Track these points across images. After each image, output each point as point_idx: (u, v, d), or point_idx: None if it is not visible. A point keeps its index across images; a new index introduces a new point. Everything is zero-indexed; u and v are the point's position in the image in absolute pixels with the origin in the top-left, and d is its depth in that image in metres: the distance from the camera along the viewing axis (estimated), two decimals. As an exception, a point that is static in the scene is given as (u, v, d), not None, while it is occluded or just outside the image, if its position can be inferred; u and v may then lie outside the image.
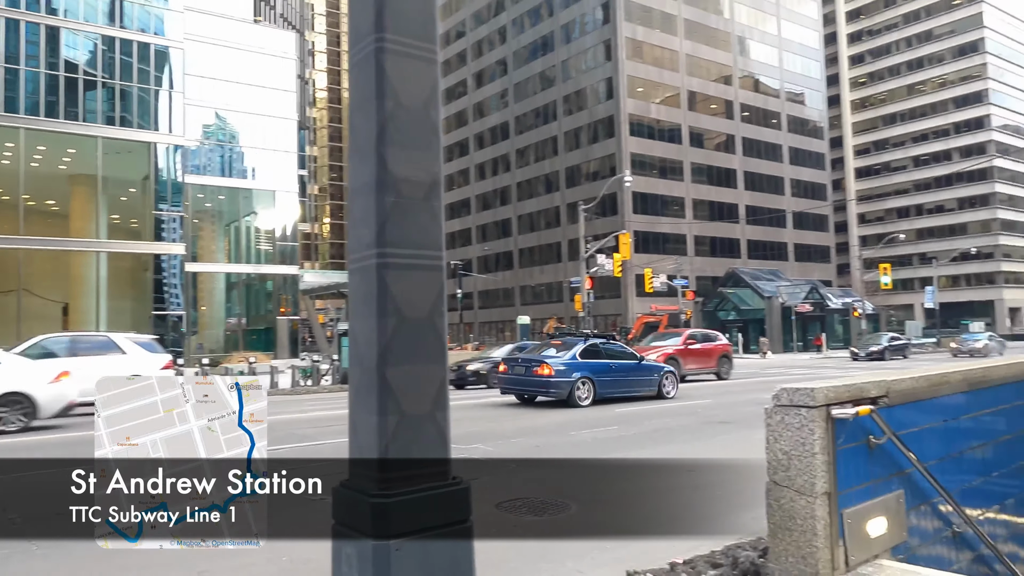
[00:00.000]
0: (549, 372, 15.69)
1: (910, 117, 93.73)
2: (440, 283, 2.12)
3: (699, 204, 67.59)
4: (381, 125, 2.00)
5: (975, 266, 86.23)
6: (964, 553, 5.18)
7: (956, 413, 5.50)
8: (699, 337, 25.37)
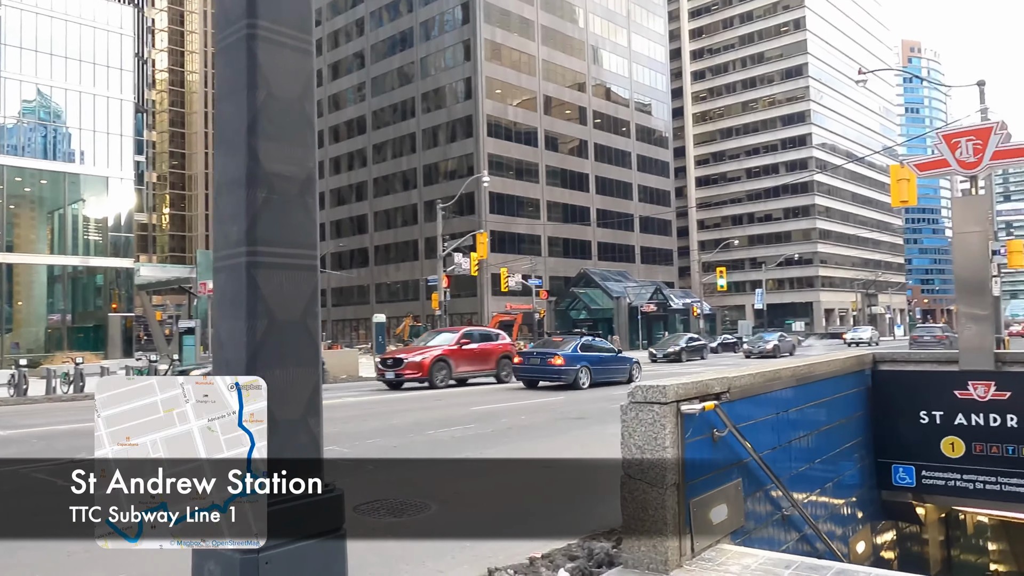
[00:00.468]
0: (561, 362, 19.41)
1: (744, 132, 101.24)
2: (314, 283, 2.02)
3: (553, 206, 69.48)
4: (252, 116, 1.88)
5: (797, 271, 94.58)
6: (791, 533, 5.67)
7: (786, 406, 6.01)
8: (476, 336, 22.78)
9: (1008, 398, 7.22)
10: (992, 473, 7.27)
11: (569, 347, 20.00)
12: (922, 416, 7.64)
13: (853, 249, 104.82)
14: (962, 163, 7.88)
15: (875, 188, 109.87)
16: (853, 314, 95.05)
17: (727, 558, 4.33)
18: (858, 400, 7.57)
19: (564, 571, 4.45)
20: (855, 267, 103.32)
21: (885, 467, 7.89)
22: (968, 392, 7.44)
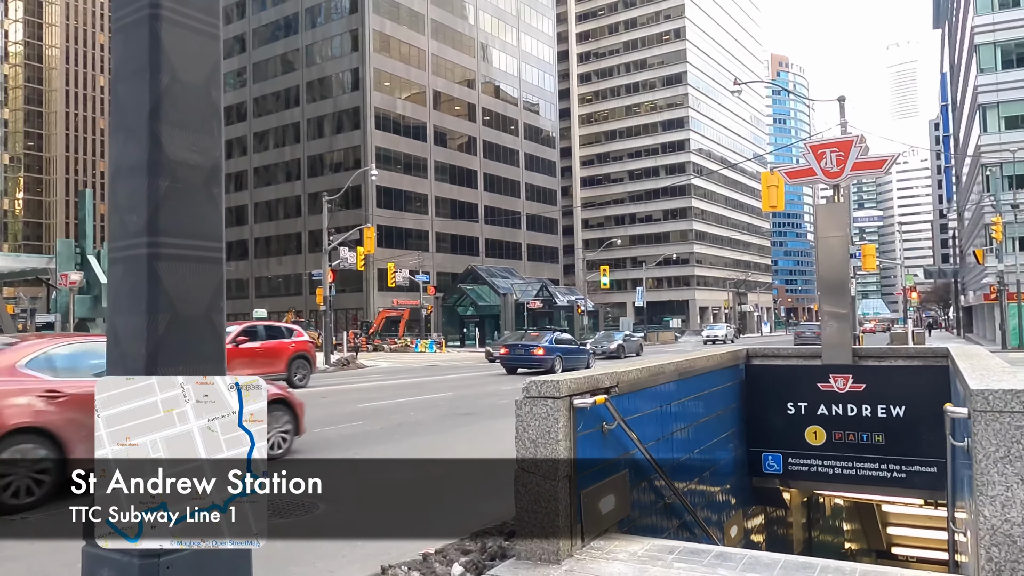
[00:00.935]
0: (542, 353, 22.91)
1: (627, 135, 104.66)
2: (219, 276, 1.93)
3: (442, 202, 69.29)
4: (155, 101, 1.77)
5: (675, 270, 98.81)
6: (673, 521, 5.94)
7: (669, 399, 6.29)
8: (260, 333, 19.46)
9: (863, 390, 7.84)
10: (849, 459, 7.87)
11: (545, 340, 23.34)
12: (789, 407, 8.16)
13: (726, 250, 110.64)
14: (826, 172, 8.48)
15: (746, 193, 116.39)
16: (725, 312, 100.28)
17: (615, 546, 4.49)
18: (733, 393, 8.02)
19: (458, 565, 4.47)
20: (727, 267, 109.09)
21: (756, 455, 8.38)
22: (829, 384, 8.02)
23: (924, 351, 8.00)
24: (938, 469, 7.48)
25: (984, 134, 44.31)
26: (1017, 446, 3.21)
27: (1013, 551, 3.19)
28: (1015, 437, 3.22)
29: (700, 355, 7.47)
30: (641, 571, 4.03)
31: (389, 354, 44.73)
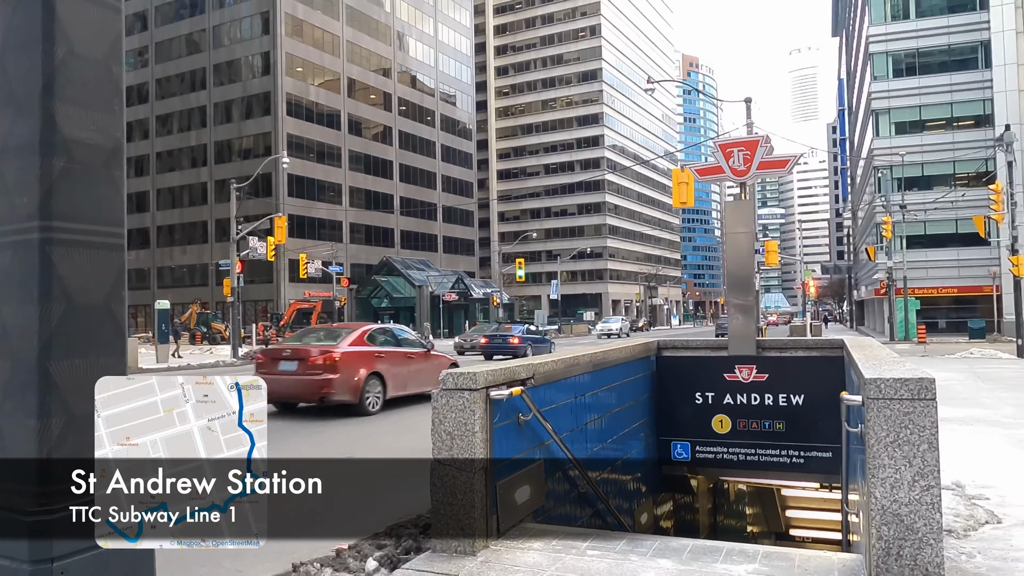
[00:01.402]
0: (518, 341, 26.19)
1: (543, 129, 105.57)
2: (120, 263, 1.81)
3: (356, 192, 68.08)
4: (49, 75, 1.63)
5: (589, 264, 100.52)
6: (586, 509, 6.05)
7: (584, 390, 6.39)
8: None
9: (766, 379, 8.18)
10: (752, 446, 8.21)
11: (519, 331, 27.16)
12: (697, 397, 8.43)
13: (638, 245, 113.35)
14: (734, 170, 8.78)
15: (658, 189, 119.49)
16: (636, 305, 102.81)
17: (530, 536, 4.53)
18: (645, 384, 8.22)
19: (372, 560, 4.42)
20: (639, 262, 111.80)
21: (666, 444, 8.62)
22: (735, 375, 8.33)
23: (822, 342, 8.42)
24: (833, 454, 7.89)
25: (876, 138, 46.98)
26: (905, 431, 3.42)
27: (901, 529, 3.39)
28: (903, 423, 3.43)
29: (613, 347, 7.62)
30: (555, 560, 4.08)
31: (300, 347, 43.71)
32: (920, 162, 44.67)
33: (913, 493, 3.40)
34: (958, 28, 44.88)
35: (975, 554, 4.14)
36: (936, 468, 3.38)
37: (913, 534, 3.39)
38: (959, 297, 44.54)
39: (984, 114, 43.72)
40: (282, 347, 13.52)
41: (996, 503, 5.33)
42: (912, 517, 3.39)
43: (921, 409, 3.42)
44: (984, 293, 42.13)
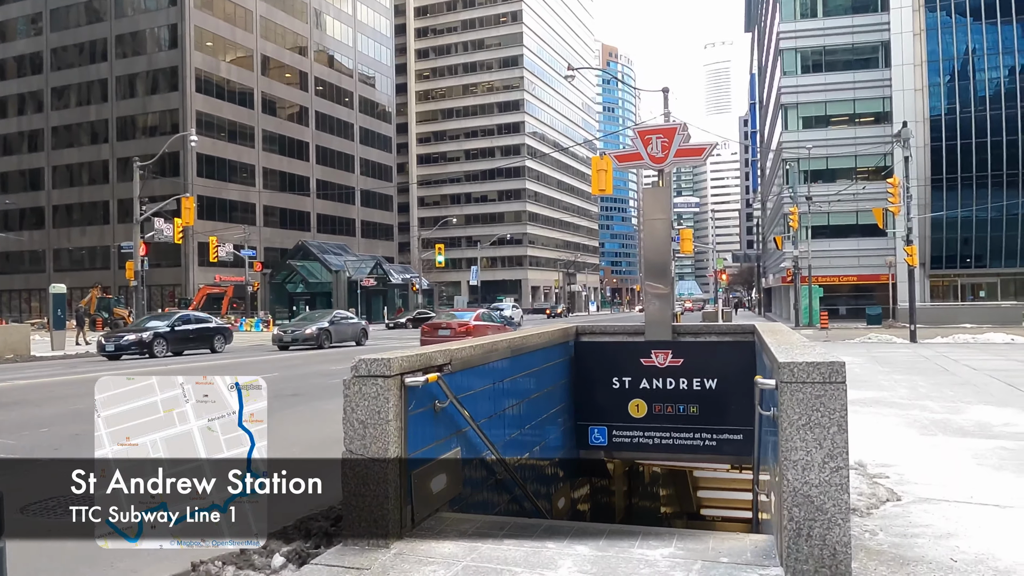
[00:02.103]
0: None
1: (464, 114, 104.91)
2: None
3: (270, 173, 65.96)
4: None
5: (508, 250, 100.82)
6: (504, 496, 5.98)
7: (502, 376, 6.30)
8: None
9: (681, 364, 8.31)
10: (667, 430, 8.33)
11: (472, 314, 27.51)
12: (615, 382, 8.49)
13: (557, 232, 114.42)
14: (652, 157, 8.85)
15: (577, 177, 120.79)
16: (556, 291, 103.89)
17: (446, 526, 4.42)
18: (563, 369, 8.21)
19: (279, 556, 4.20)
20: (558, 248, 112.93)
21: (583, 429, 8.66)
22: (651, 360, 8.43)
23: (734, 327, 8.61)
24: (744, 436, 8.09)
25: (785, 131, 48.79)
26: (816, 414, 3.47)
27: (811, 510, 3.45)
28: (815, 406, 3.47)
29: (533, 332, 7.57)
30: (471, 549, 3.98)
31: (211, 333, 42.10)
32: (825, 156, 46.66)
33: (823, 475, 3.45)
34: (861, 28, 46.98)
35: (877, 531, 4.28)
36: (845, 450, 3.45)
37: (823, 515, 3.44)
38: (858, 285, 46.92)
39: (884, 111, 46.00)
40: (440, 321, 24.46)
41: (895, 481, 5.55)
42: (822, 498, 3.44)
43: (832, 392, 3.47)
44: (881, 281, 44.51)
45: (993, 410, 9.28)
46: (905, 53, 44.86)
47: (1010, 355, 18.50)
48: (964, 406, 9.68)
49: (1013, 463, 6.14)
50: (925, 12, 44.75)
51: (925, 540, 4.12)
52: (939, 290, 45.53)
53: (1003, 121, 42.73)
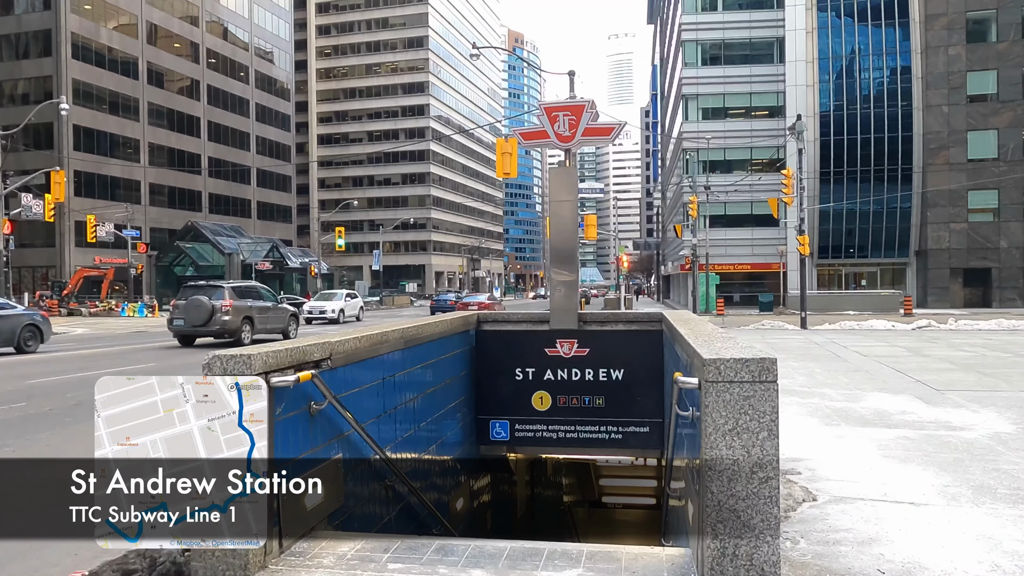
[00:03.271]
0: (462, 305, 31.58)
1: (368, 95, 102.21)
2: None
3: (157, 149, 62.04)
4: None
5: (412, 235, 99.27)
6: (394, 505, 5.37)
7: (394, 370, 5.68)
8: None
9: (587, 354, 7.91)
10: (572, 423, 7.92)
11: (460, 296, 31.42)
12: (518, 373, 8.01)
13: (462, 217, 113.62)
14: (559, 136, 8.37)
15: (482, 163, 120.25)
16: (460, 277, 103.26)
17: (321, 548, 3.80)
18: (463, 360, 7.66)
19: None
20: (463, 234, 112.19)
21: (484, 423, 8.15)
22: (556, 350, 7.99)
23: (641, 316, 8.28)
24: (651, 429, 7.77)
25: (686, 122, 49.84)
26: (745, 417, 3.06)
27: (737, 526, 3.05)
28: (743, 408, 3.06)
29: (429, 321, 6.97)
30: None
31: (88, 319, 39.15)
32: (723, 147, 47.97)
33: (751, 486, 3.05)
34: (758, 24, 48.44)
35: (799, 539, 3.96)
36: (775, 458, 3.05)
37: (750, 531, 3.04)
38: (752, 273, 48.65)
39: (778, 105, 47.69)
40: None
41: (808, 478, 5.31)
42: (749, 512, 3.04)
43: (762, 393, 3.06)
44: (773, 270, 46.28)
45: (888, 397, 9.39)
46: (798, 50, 46.57)
47: (892, 341, 19.31)
48: (861, 393, 9.78)
49: (917, 454, 6.05)
50: (817, 11, 46.57)
51: (848, 548, 3.82)
52: (825, 278, 47.77)
53: (885, 119, 45.09)
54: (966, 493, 4.85)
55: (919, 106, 44.31)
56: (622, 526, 14.97)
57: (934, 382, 10.75)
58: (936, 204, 43.05)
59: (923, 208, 44.13)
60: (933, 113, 43.31)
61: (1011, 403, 8.72)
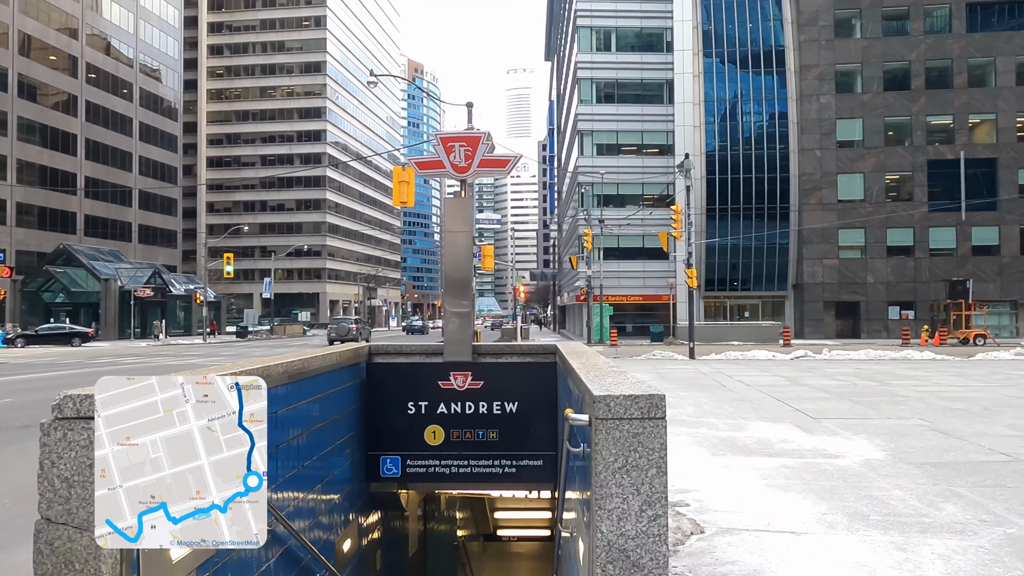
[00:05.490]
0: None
1: (262, 118, 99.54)
2: None
3: (27, 167, 57.93)
4: None
5: (307, 262, 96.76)
6: (274, 549, 5.05)
7: (276, 406, 5.37)
8: None
9: (481, 387, 7.80)
10: (465, 457, 7.77)
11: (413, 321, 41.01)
12: (410, 407, 7.82)
13: (358, 245, 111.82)
14: (455, 166, 8.33)
15: (380, 190, 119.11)
16: (356, 305, 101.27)
17: (187, 604, 3.48)
18: (352, 394, 7.39)
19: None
20: (359, 262, 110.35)
21: (375, 459, 7.89)
22: (450, 382, 7.84)
23: (536, 348, 8.26)
24: (544, 462, 7.73)
25: (581, 156, 51.21)
26: (634, 455, 3.03)
27: (627, 566, 2.99)
28: (632, 445, 3.03)
29: (316, 354, 6.69)
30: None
31: (-61, 349, 35.76)
32: (617, 182, 49.54)
33: (640, 525, 3.01)
34: (649, 66, 50.63)
35: (687, 574, 3.96)
36: (664, 495, 3.02)
37: (639, 570, 2.99)
38: (643, 304, 50.18)
39: (668, 144, 49.81)
40: None
41: (696, 509, 5.37)
42: (638, 552, 3.00)
43: (651, 429, 3.04)
44: (663, 301, 47.90)
45: (770, 426, 9.76)
46: (686, 92, 48.92)
47: (773, 370, 20.27)
48: (745, 423, 10.12)
49: (797, 483, 6.27)
50: (703, 57, 49.18)
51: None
52: (711, 310, 49.88)
53: (765, 160, 47.90)
54: (842, 520, 5.03)
55: (795, 149, 47.37)
56: (516, 558, 14.83)
57: (811, 411, 11.29)
58: (811, 241, 45.93)
59: (799, 244, 46.97)
60: (807, 156, 46.40)
61: (879, 430, 9.24)
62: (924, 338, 38.12)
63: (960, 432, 9.03)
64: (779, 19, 49.02)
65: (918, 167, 45.36)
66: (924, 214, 44.89)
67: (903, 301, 45.10)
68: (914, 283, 45.17)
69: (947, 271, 44.10)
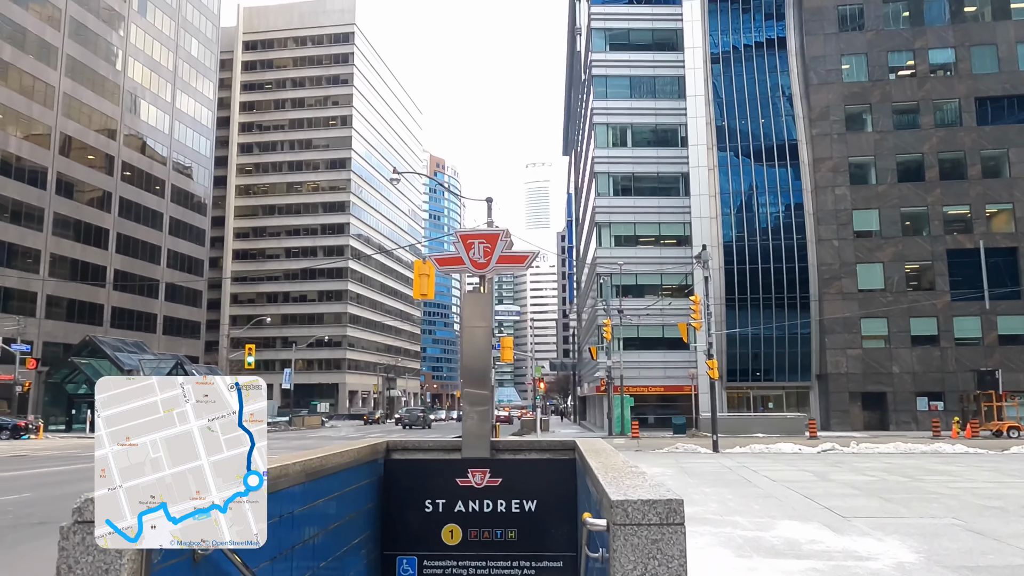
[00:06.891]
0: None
1: (287, 212, 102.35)
2: None
3: (59, 260, 59.62)
4: None
5: (327, 352, 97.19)
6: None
7: (293, 506, 5.33)
8: None
9: (500, 484, 7.68)
10: (483, 558, 7.58)
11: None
12: (427, 505, 7.69)
13: (378, 335, 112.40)
14: (474, 262, 8.48)
15: (400, 281, 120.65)
16: (375, 396, 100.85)
17: None
18: (370, 491, 7.31)
19: None
20: (379, 352, 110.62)
21: (391, 560, 7.70)
22: (467, 479, 7.74)
23: (554, 444, 8.18)
24: (564, 564, 7.51)
25: (599, 248, 51.80)
26: (653, 562, 2.97)
27: None
28: (651, 552, 2.98)
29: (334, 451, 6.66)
30: None
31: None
32: (635, 272, 49.87)
33: (661, 636, 2.92)
34: (665, 160, 51.81)
35: None
36: (685, 605, 2.95)
37: None
38: (664, 395, 49.50)
39: (685, 235, 50.33)
40: None
41: (721, 617, 5.17)
42: (660, 666, 2.90)
43: (670, 535, 3.00)
44: (685, 392, 47.25)
45: (798, 525, 9.45)
46: (702, 184, 49.82)
47: (800, 465, 19.74)
48: (771, 521, 9.82)
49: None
50: (717, 151, 50.32)
51: None
52: (734, 400, 49.06)
53: (783, 250, 48.14)
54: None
55: (812, 239, 47.65)
56: (537, 667, 14.15)
57: (840, 508, 10.93)
58: (833, 331, 45.53)
59: (821, 334, 46.55)
60: (825, 246, 46.60)
61: (911, 530, 8.92)
62: (955, 430, 37.07)
63: (997, 532, 8.69)
64: (791, 115, 50.31)
65: (938, 256, 45.34)
66: (947, 303, 44.52)
67: (931, 392, 44.16)
68: (941, 373, 44.34)
69: (974, 361, 43.32)
